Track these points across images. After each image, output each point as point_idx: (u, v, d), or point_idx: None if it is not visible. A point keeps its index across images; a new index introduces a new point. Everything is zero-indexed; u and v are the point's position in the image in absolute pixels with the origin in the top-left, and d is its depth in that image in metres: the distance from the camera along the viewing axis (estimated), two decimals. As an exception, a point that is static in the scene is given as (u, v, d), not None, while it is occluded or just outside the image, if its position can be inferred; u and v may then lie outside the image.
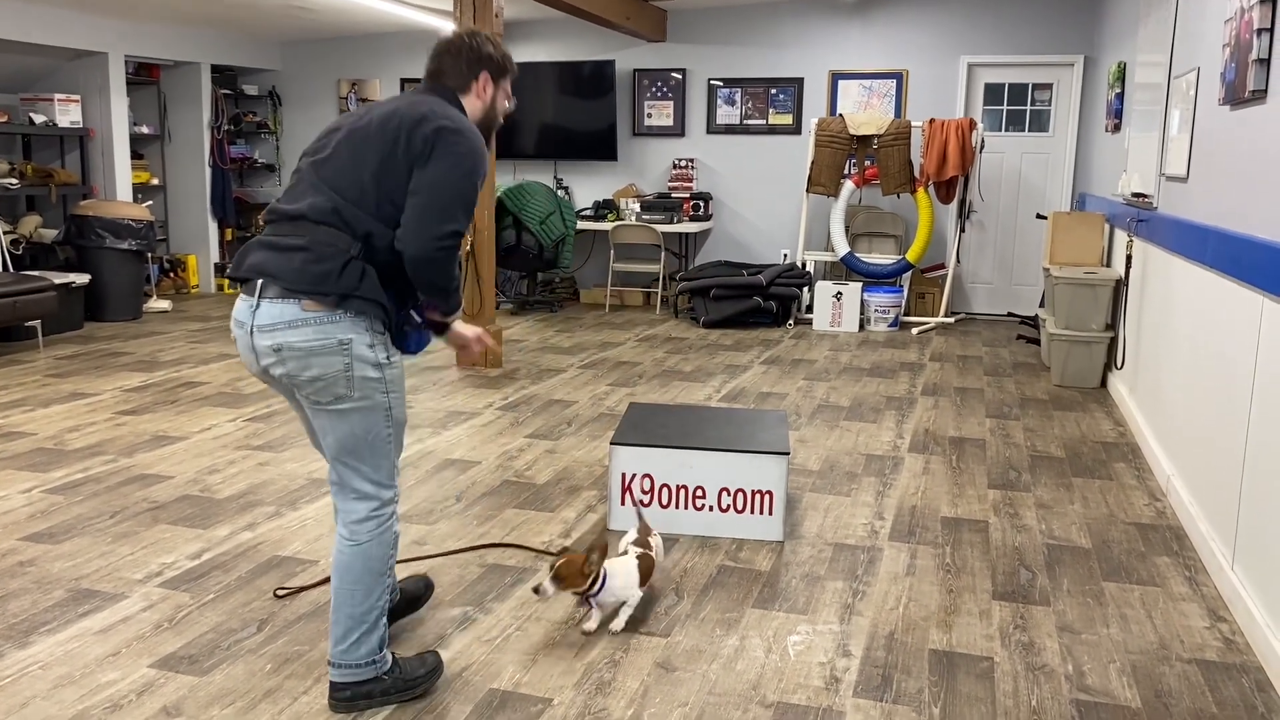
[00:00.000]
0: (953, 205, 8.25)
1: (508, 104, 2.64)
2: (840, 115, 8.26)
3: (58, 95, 8.18)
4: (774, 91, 8.96)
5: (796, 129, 8.92)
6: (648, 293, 9.25)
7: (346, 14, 8.47)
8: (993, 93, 8.51)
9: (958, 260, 8.41)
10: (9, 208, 8.43)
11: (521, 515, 3.86)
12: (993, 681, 2.68)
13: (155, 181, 9.49)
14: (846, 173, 8.28)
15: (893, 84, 8.64)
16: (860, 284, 8.03)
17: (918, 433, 5.06)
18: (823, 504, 4.02)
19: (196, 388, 5.85)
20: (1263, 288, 3.02)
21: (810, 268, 8.50)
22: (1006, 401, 5.73)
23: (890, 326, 8.06)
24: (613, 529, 3.70)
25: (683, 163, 9.19)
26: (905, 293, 8.26)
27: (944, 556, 3.51)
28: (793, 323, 8.24)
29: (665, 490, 3.65)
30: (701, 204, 8.98)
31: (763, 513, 3.60)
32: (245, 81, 10.25)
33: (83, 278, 7.64)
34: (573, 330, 7.94)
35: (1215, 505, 3.45)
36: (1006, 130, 8.53)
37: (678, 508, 3.65)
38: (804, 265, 8.47)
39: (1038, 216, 8.04)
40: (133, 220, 8.02)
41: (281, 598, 3.12)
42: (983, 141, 8.15)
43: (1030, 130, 8.48)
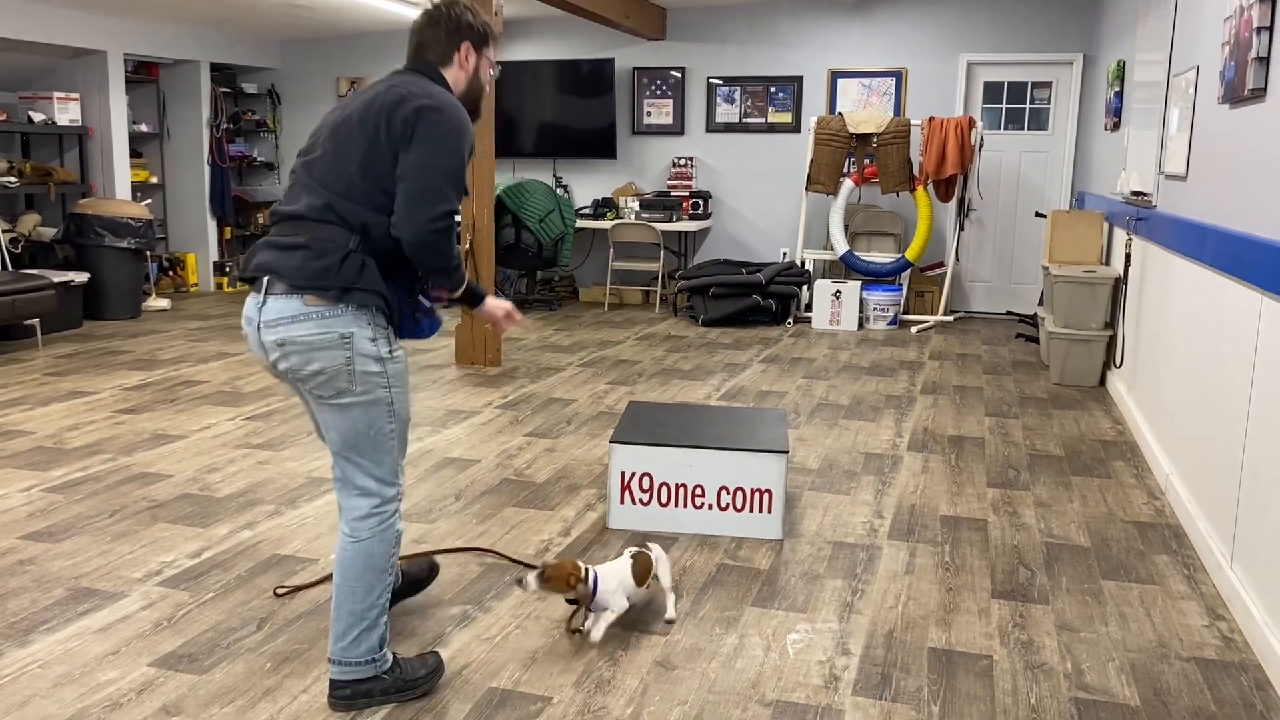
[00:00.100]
0: (952, 204, 8.25)
1: (493, 72, 2.65)
2: (839, 113, 8.26)
3: (57, 93, 8.17)
4: (773, 90, 8.95)
5: (796, 127, 8.92)
6: (647, 291, 9.26)
7: (345, 12, 8.47)
8: (992, 91, 8.51)
9: (957, 259, 8.41)
10: (8, 206, 8.43)
11: (521, 514, 3.86)
12: (992, 680, 2.68)
13: (154, 180, 9.49)
14: (846, 171, 8.28)
15: (892, 82, 8.64)
16: (859, 282, 8.03)
17: (917, 431, 5.07)
18: (822, 502, 4.02)
19: (196, 386, 5.85)
20: (1262, 286, 3.02)
21: (809, 266, 8.50)
22: (1005, 400, 5.73)
23: (889, 325, 8.06)
24: (612, 528, 3.70)
25: (682, 161, 9.19)
26: (904, 291, 8.26)
27: (943, 555, 3.51)
28: (792, 321, 8.24)
29: (664, 489, 3.65)
30: (701, 202, 8.98)
31: (762, 511, 3.61)
32: (244, 80, 10.24)
33: (82, 276, 7.64)
34: (572, 329, 7.94)
35: (1214, 504, 3.45)
36: (1006, 129, 8.53)
37: (677, 506, 3.65)
38: (803, 264, 8.47)
39: (1037, 215, 8.04)
40: (132, 219, 8.02)
41: (281, 596, 3.12)
42: (982, 140, 8.15)
43: (1029, 128, 8.48)
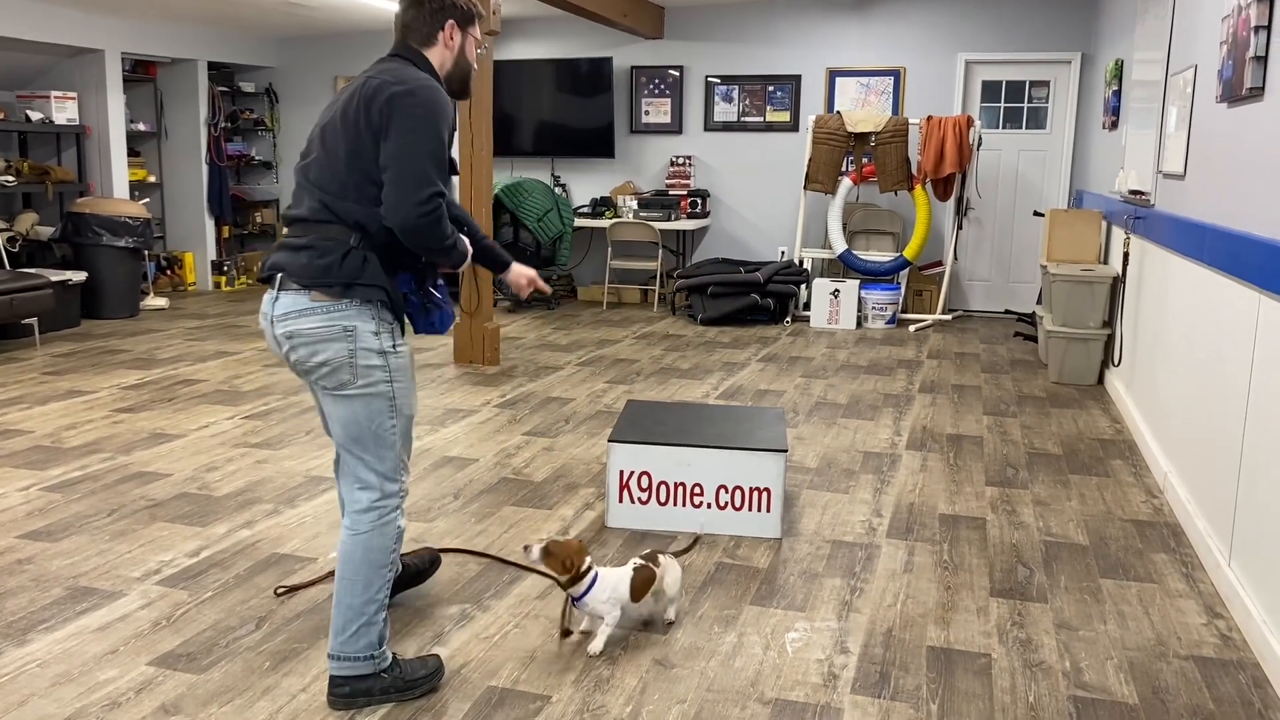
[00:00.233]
0: (950, 202, 8.25)
1: (479, 51, 2.68)
2: (838, 112, 8.26)
3: (54, 92, 8.16)
4: (771, 89, 8.95)
5: (794, 126, 8.92)
6: (645, 290, 9.25)
7: (343, 11, 8.46)
8: (990, 90, 8.51)
9: (955, 257, 8.41)
10: (5, 205, 8.42)
11: (519, 513, 3.86)
12: (990, 678, 2.69)
13: (152, 179, 9.48)
14: (844, 170, 8.27)
15: (890, 81, 8.64)
16: (858, 281, 8.04)
17: (915, 430, 5.07)
18: (820, 501, 4.03)
19: (194, 385, 5.84)
20: (1260, 285, 3.03)
21: (808, 265, 8.50)
22: (1004, 399, 5.74)
23: (888, 324, 8.06)
24: (611, 526, 3.70)
25: (680, 160, 9.19)
26: (903, 290, 8.26)
27: (942, 553, 3.52)
28: (790, 320, 8.24)
29: (663, 488, 3.65)
30: (699, 201, 8.98)
31: (760, 510, 3.61)
32: (242, 79, 10.23)
33: (79, 275, 7.63)
34: (570, 328, 7.94)
35: (1212, 502, 3.45)
36: (1004, 127, 8.53)
37: (675, 505, 3.65)
38: (801, 262, 8.47)
39: (1035, 214, 8.03)
40: (130, 218, 8.01)
41: (281, 595, 3.12)
42: (980, 139, 8.15)
43: (1027, 127, 8.49)
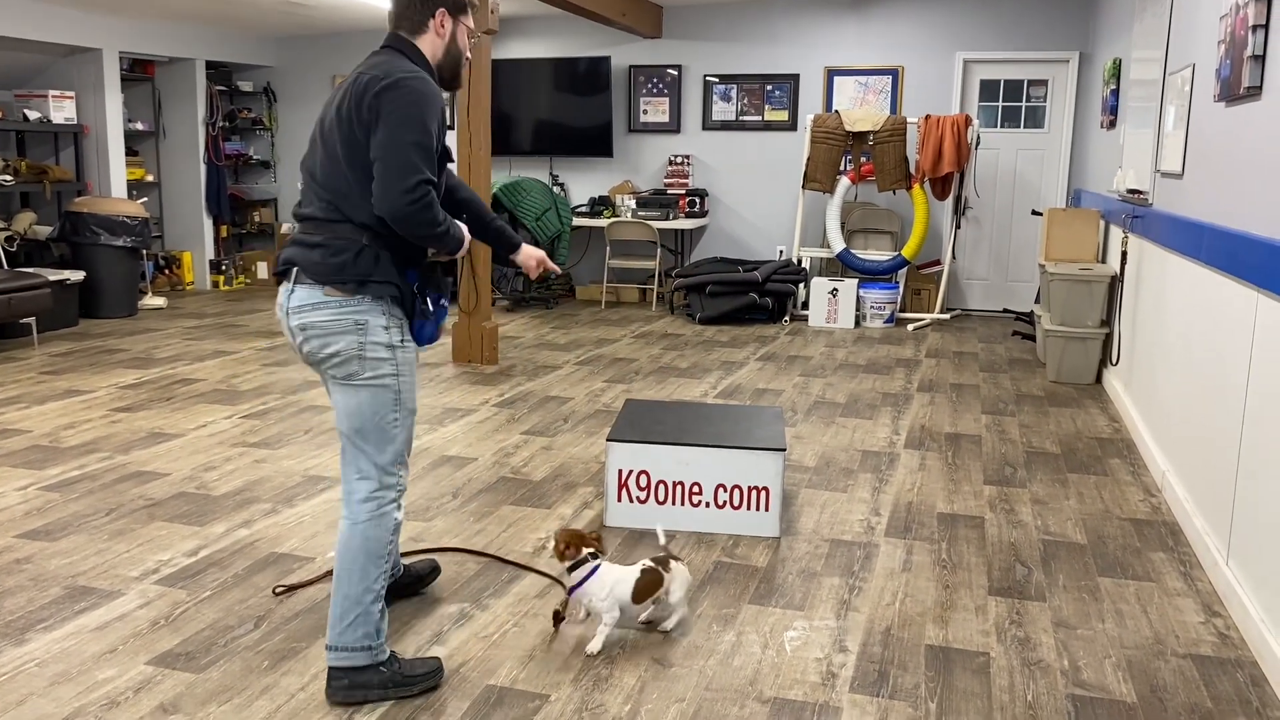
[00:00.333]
0: (948, 201, 8.26)
1: (471, 40, 2.70)
2: (836, 111, 8.26)
3: (52, 91, 8.15)
4: (769, 88, 8.95)
5: (792, 125, 8.92)
6: (644, 289, 9.25)
7: (341, 10, 8.46)
8: (988, 89, 8.52)
9: (953, 256, 8.42)
10: (3, 204, 8.41)
11: (518, 511, 3.86)
12: (989, 677, 2.69)
13: (150, 178, 9.48)
14: (842, 169, 8.27)
15: (888, 80, 8.65)
16: (856, 280, 8.04)
17: (913, 429, 5.07)
18: (819, 500, 4.03)
19: (192, 385, 5.84)
20: (1258, 284, 3.03)
21: (806, 264, 8.51)
22: (1002, 398, 5.74)
23: (886, 323, 8.06)
24: (610, 525, 3.70)
25: (678, 159, 9.19)
26: (901, 289, 8.27)
27: (940, 552, 3.52)
28: (788, 319, 8.24)
29: (661, 487, 3.65)
30: (697, 200, 8.98)
31: (759, 509, 3.61)
32: (240, 78, 10.22)
33: (78, 275, 7.63)
34: (569, 327, 7.94)
35: (1210, 500, 3.46)
36: (1002, 126, 8.53)
37: (674, 504, 3.65)
38: (800, 261, 8.47)
39: (1033, 213, 8.04)
40: (128, 217, 8.01)
41: (279, 595, 3.12)
42: (978, 138, 8.15)
43: (1026, 126, 8.49)
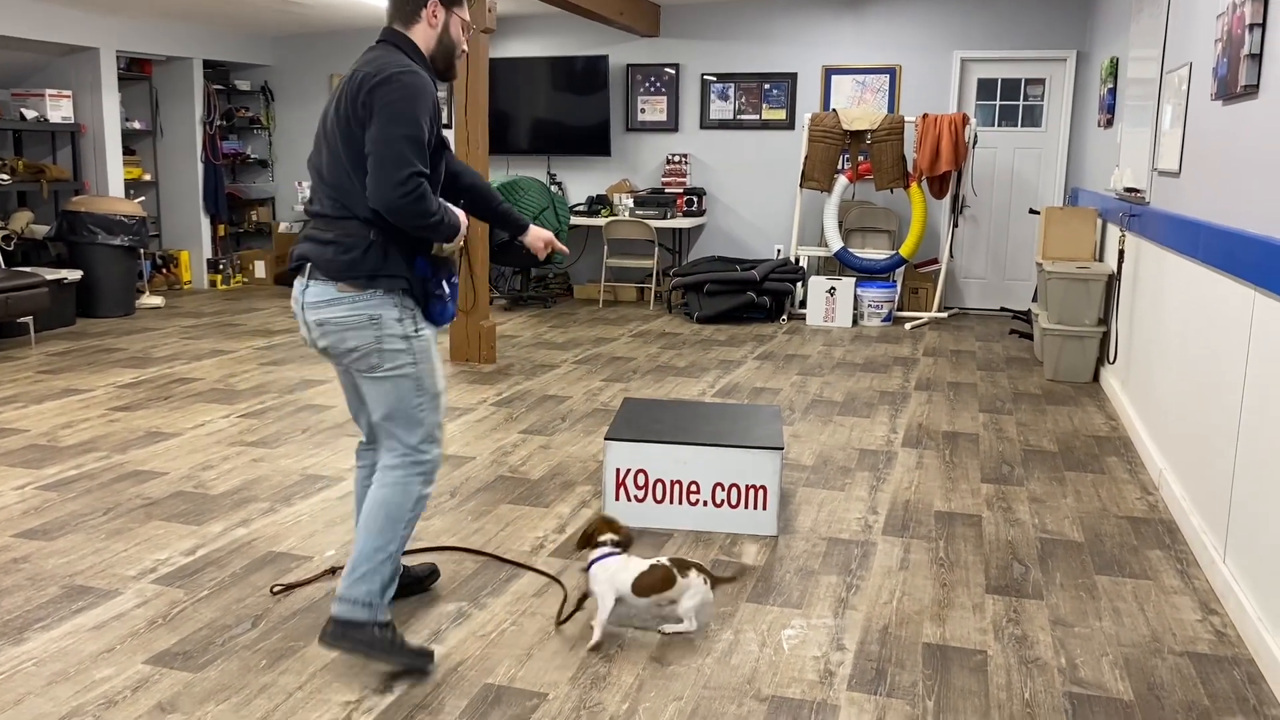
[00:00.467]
0: (946, 200, 8.26)
1: (467, 33, 2.71)
2: (834, 110, 8.26)
3: (49, 90, 8.14)
4: (767, 87, 8.95)
5: (790, 124, 8.92)
6: (641, 288, 9.25)
7: (338, 9, 8.45)
8: (986, 88, 8.52)
9: (951, 255, 8.42)
10: (0, 204, 8.40)
11: (516, 510, 3.86)
12: (986, 675, 2.69)
13: (147, 177, 9.47)
14: (840, 168, 8.28)
15: (886, 79, 8.65)
16: (853, 279, 8.04)
17: (911, 427, 5.07)
18: (816, 499, 4.03)
19: (190, 384, 5.84)
20: (1254, 282, 3.03)
21: (804, 263, 8.51)
22: (999, 396, 5.75)
23: (883, 321, 8.07)
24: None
25: (676, 158, 9.19)
26: (898, 288, 8.27)
27: (937, 551, 3.52)
28: (786, 318, 8.24)
29: (659, 485, 3.65)
30: (695, 199, 8.98)
31: (756, 508, 3.61)
32: (238, 77, 10.22)
33: (75, 274, 7.62)
34: (566, 326, 7.94)
35: (1207, 499, 3.46)
36: (999, 125, 8.53)
37: (672, 503, 3.66)
38: (797, 260, 8.47)
39: (1030, 211, 8.05)
40: (125, 216, 8.00)
41: (277, 594, 3.12)
42: (976, 136, 8.15)
43: (1023, 125, 8.49)
